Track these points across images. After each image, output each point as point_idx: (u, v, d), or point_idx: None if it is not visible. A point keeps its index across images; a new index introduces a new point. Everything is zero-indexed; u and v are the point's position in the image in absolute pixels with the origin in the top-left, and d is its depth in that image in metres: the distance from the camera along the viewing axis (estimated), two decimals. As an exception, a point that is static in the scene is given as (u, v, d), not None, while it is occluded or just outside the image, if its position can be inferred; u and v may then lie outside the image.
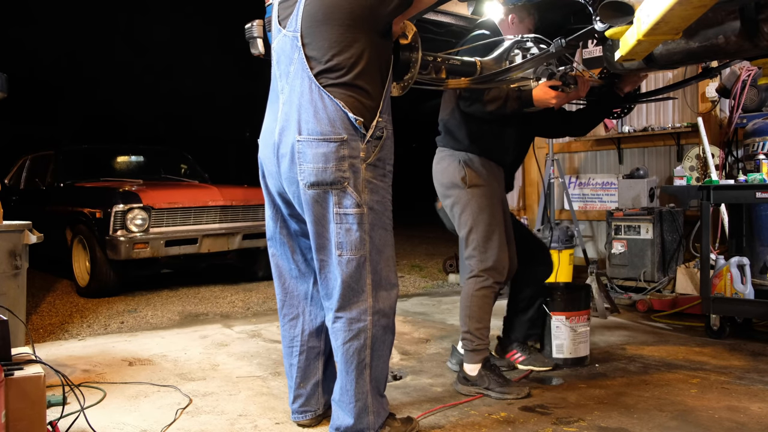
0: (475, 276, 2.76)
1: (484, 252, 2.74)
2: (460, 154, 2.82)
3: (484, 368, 2.72)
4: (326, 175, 1.98)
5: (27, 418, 1.88)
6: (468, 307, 2.76)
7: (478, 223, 2.76)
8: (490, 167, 2.83)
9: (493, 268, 2.74)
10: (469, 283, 2.78)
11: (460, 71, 2.55)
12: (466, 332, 2.76)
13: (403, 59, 2.25)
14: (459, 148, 2.83)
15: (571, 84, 2.65)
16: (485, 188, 2.78)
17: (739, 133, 4.55)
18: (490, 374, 2.71)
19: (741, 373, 2.95)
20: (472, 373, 2.72)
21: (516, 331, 3.11)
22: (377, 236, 2.06)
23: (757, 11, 2.06)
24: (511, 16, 2.84)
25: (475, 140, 2.80)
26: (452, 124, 2.86)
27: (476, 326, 2.74)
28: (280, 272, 2.33)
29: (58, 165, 6.60)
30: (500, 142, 2.85)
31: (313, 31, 2.00)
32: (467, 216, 2.78)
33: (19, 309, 3.17)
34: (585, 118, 3.10)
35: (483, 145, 2.81)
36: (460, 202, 2.80)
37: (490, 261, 2.74)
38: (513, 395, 2.64)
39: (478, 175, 2.78)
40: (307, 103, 2.00)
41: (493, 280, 2.75)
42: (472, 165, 2.79)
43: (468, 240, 2.79)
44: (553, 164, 5.22)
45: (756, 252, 3.97)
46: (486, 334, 2.76)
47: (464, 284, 2.82)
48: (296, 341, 2.32)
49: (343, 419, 2.10)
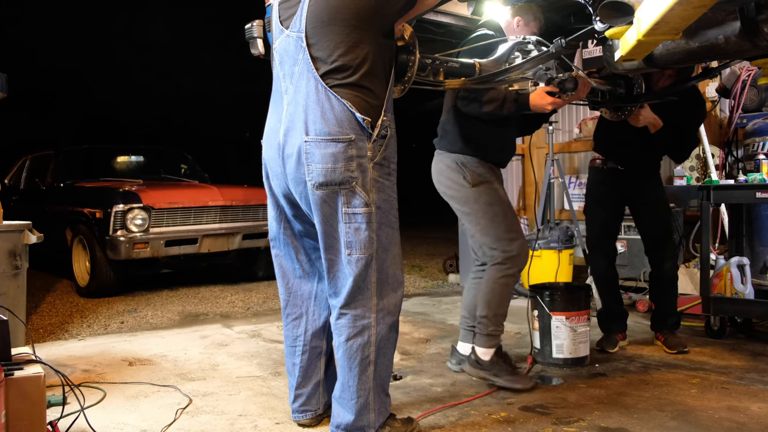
0: (499, 263, 2.79)
1: (508, 242, 2.78)
2: (456, 156, 2.84)
3: (497, 355, 2.78)
4: (335, 175, 1.99)
5: (27, 418, 1.88)
6: (489, 293, 2.80)
7: (496, 215, 2.79)
8: (487, 167, 2.85)
9: (517, 256, 2.79)
10: (492, 270, 2.81)
11: (458, 73, 2.55)
12: (483, 317, 2.80)
13: (400, 61, 2.25)
14: (454, 150, 2.85)
15: (569, 89, 2.65)
16: (489, 184, 2.81)
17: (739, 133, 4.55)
18: (501, 362, 2.78)
19: (741, 373, 2.95)
20: (485, 358, 2.78)
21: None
22: (384, 234, 2.08)
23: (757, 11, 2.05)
24: (517, 18, 2.83)
25: (470, 142, 2.82)
26: (449, 126, 2.88)
27: (494, 312, 2.79)
28: (283, 272, 2.34)
29: (58, 165, 6.60)
30: (495, 144, 2.87)
31: (318, 31, 2.00)
32: (481, 213, 2.81)
33: (19, 309, 3.17)
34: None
35: (478, 146, 2.82)
36: (470, 202, 2.82)
37: (515, 250, 2.78)
38: (520, 385, 2.71)
39: (480, 174, 2.81)
40: (313, 103, 2.01)
41: (516, 268, 2.80)
42: (469, 165, 2.82)
43: (487, 234, 2.80)
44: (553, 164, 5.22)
45: (756, 252, 3.96)
46: (502, 321, 2.82)
47: (487, 270, 2.84)
48: (299, 341, 2.33)
49: (344, 416, 2.11)
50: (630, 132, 3.28)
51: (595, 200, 3.51)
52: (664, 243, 3.37)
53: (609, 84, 3.04)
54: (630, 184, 3.39)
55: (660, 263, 3.38)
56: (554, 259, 4.69)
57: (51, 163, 6.73)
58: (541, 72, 2.66)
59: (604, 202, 3.45)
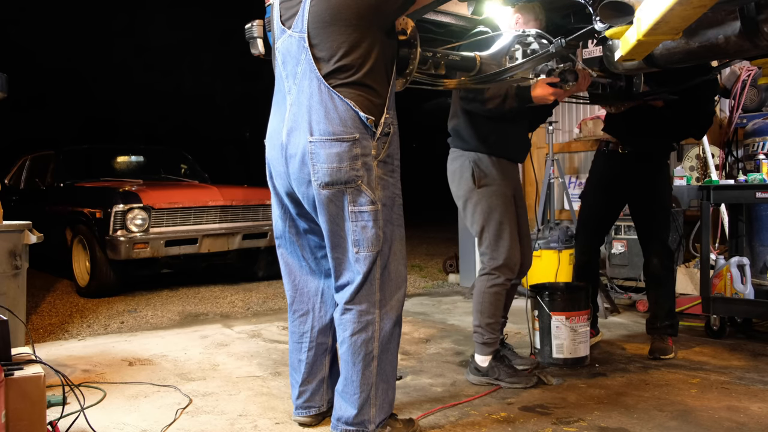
0: (487, 273, 2.83)
1: (495, 250, 2.80)
2: (469, 154, 2.85)
3: (495, 360, 2.83)
4: (341, 174, 2.01)
5: (27, 418, 1.88)
6: (480, 303, 2.83)
7: (489, 222, 2.80)
8: (502, 165, 2.84)
9: (504, 266, 2.80)
10: (481, 280, 2.85)
11: (459, 66, 2.55)
12: (477, 326, 2.83)
13: (402, 55, 2.25)
14: (467, 148, 2.86)
15: (570, 80, 2.64)
16: (495, 187, 2.81)
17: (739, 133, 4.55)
18: (500, 365, 2.82)
19: (741, 373, 2.95)
20: (483, 364, 2.83)
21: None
22: (389, 231, 2.10)
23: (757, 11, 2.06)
24: (517, 16, 2.83)
25: (484, 139, 2.82)
26: (459, 125, 2.89)
27: (487, 321, 2.82)
28: (290, 269, 2.35)
29: (58, 165, 6.60)
30: (510, 140, 2.87)
31: (320, 32, 2.01)
32: (478, 215, 2.83)
33: (19, 309, 3.17)
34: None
35: (492, 143, 2.82)
36: (471, 202, 2.84)
37: (501, 259, 2.79)
38: (522, 384, 2.76)
39: (488, 175, 2.81)
40: (317, 103, 2.02)
41: (504, 277, 2.81)
42: (481, 164, 2.82)
43: (481, 238, 2.85)
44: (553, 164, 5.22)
45: (756, 252, 3.96)
46: (496, 328, 2.84)
47: (477, 281, 2.89)
48: (306, 337, 2.34)
49: (346, 410, 2.12)
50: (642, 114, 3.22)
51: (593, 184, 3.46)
52: (652, 238, 3.29)
53: (609, 77, 3.03)
54: (633, 169, 3.29)
55: (648, 259, 3.32)
56: (554, 259, 4.69)
57: (51, 163, 6.73)
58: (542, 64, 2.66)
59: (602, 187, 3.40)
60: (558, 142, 5.80)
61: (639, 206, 3.37)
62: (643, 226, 3.35)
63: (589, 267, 3.47)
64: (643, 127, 3.25)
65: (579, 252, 3.51)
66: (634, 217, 3.41)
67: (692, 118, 3.26)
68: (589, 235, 3.48)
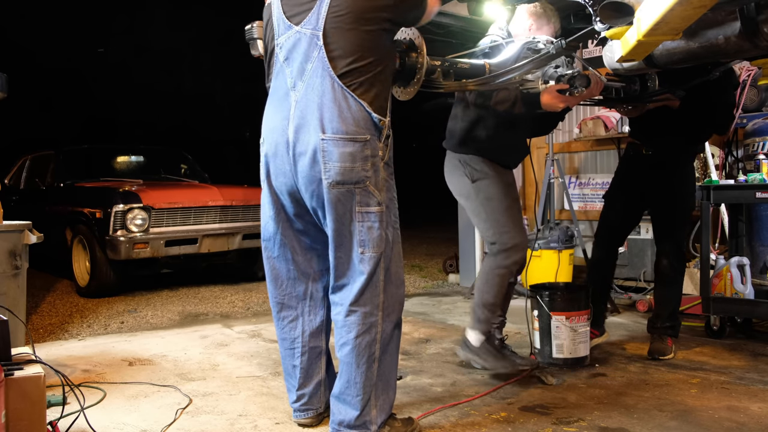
0: (495, 255, 2.85)
1: (502, 234, 2.83)
2: (461, 156, 2.89)
3: (487, 342, 2.86)
4: (352, 174, 2.02)
5: (27, 418, 1.88)
6: (484, 282, 2.87)
7: (492, 211, 2.84)
8: (494, 166, 2.86)
9: (513, 248, 2.82)
10: (489, 260, 2.88)
11: (469, 74, 2.55)
12: (477, 303, 2.87)
13: (409, 64, 2.27)
14: (460, 151, 2.91)
15: (580, 87, 2.62)
16: (490, 180, 2.84)
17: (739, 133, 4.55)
18: (490, 347, 2.85)
19: (741, 373, 2.95)
20: (475, 343, 2.87)
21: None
22: (390, 233, 2.11)
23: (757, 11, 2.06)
24: (530, 22, 2.83)
25: (477, 143, 2.85)
26: (455, 128, 2.91)
27: (486, 299, 2.86)
28: (277, 275, 2.31)
29: (58, 165, 6.60)
30: (505, 146, 2.90)
31: (337, 32, 2.02)
32: (480, 208, 2.86)
33: (19, 309, 3.17)
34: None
35: (485, 148, 2.85)
36: (471, 197, 2.88)
37: (510, 242, 2.82)
38: (505, 369, 2.83)
39: (480, 171, 2.85)
40: (329, 102, 2.01)
41: (511, 259, 2.83)
42: (472, 163, 2.86)
43: (486, 229, 2.88)
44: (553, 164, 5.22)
45: (756, 252, 3.96)
46: (495, 310, 2.86)
47: (485, 262, 2.92)
48: (297, 342, 2.33)
49: (347, 412, 2.11)
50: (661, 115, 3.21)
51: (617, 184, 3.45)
52: (667, 237, 3.29)
53: (623, 81, 3.02)
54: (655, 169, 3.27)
55: (659, 258, 3.32)
56: (554, 259, 4.69)
57: (51, 163, 6.73)
58: (552, 71, 2.66)
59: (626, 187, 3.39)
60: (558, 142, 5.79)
61: (658, 205, 3.34)
62: (660, 224, 3.35)
63: (605, 264, 3.47)
64: (662, 127, 3.25)
65: (597, 250, 3.49)
66: (653, 216, 3.39)
67: (708, 112, 3.22)
68: (610, 234, 3.47)
